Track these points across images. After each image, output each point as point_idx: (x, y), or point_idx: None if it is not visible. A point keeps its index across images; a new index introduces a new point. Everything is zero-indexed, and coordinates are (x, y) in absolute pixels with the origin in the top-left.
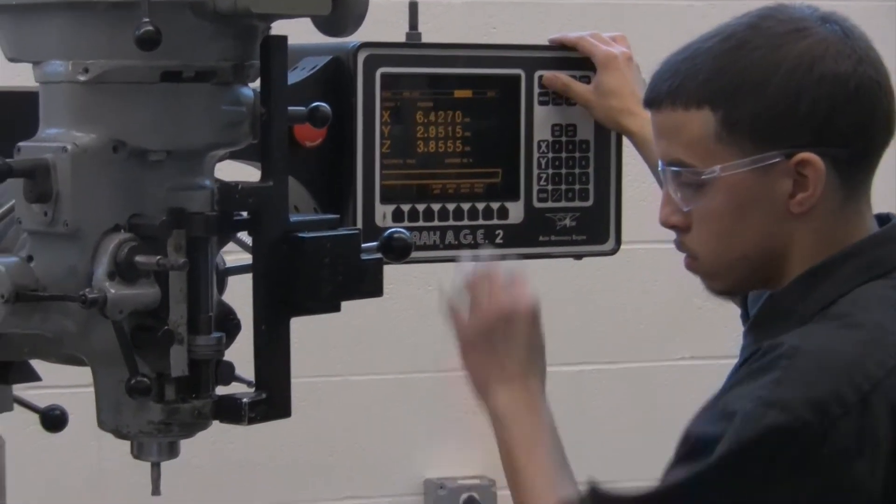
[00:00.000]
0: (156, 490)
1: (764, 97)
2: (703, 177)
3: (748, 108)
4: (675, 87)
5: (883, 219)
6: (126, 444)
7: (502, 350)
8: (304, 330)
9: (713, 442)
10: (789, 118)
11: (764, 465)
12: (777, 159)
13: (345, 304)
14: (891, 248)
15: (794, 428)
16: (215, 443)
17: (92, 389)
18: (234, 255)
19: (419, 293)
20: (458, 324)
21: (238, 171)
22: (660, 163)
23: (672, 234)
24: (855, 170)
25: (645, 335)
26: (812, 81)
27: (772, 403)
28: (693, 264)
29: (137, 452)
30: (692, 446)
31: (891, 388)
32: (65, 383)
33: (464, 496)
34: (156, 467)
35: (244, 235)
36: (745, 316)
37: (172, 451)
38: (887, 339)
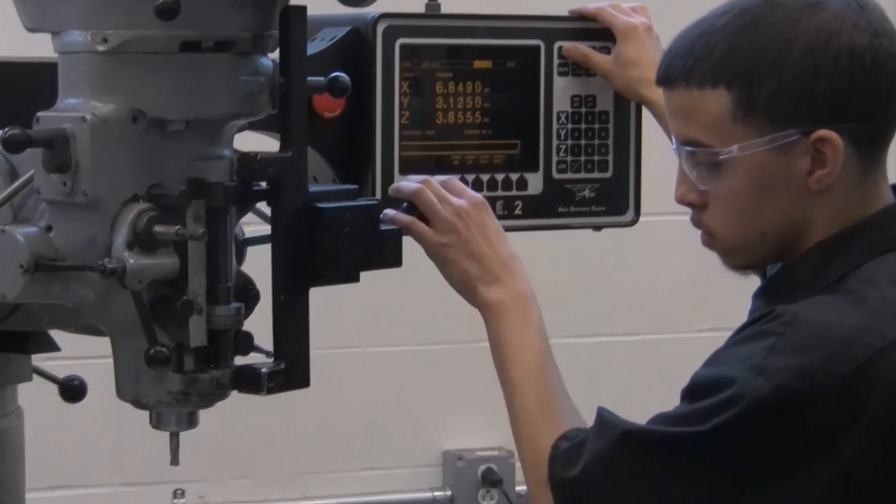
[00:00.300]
0: (174, 460)
1: (781, 76)
2: (720, 157)
3: (765, 88)
4: (690, 66)
5: None
6: (145, 414)
7: (478, 249)
8: (322, 301)
9: (711, 391)
10: (807, 96)
11: (747, 434)
12: (795, 137)
13: (364, 276)
14: None
15: (777, 396)
16: (234, 413)
17: (111, 360)
18: (254, 226)
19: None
20: (423, 234)
21: (257, 143)
22: (674, 141)
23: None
24: (873, 144)
25: (663, 307)
26: (829, 58)
27: (761, 370)
28: (710, 241)
29: (156, 422)
30: (695, 391)
31: (891, 360)
32: (84, 354)
33: (482, 468)
34: (175, 437)
35: (263, 206)
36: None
37: (191, 421)
38: (893, 312)
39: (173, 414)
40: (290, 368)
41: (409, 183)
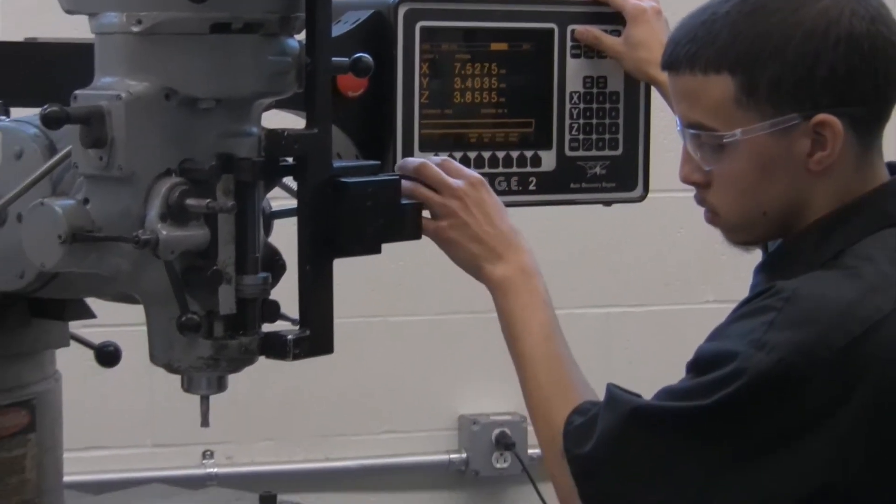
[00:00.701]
0: (205, 422)
1: (782, 62)
2: (724, 140)
3: (767, 74)
4: (694, 52)
5: (892, 167)
6: (176, 379)
7: (480, 228)
8: (345, 272)
9: (714, 365)
10: (808, 82)
11: (748, 406)
12: (796, 121)
13: (384, 247)
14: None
15: (777, 370)
16: (261, 378)
17: (143, 327)
18: (281, 200)
19: None
20: (424, 223)
21: (283, 121)
22: (678, 122)
23: None
24: (871, 126)
25: (670, 279)
26: (829, 44)
27: (761, 345)
28: (714, 219)
29: (188, 386)
30: (700, 365)
31: (886, 334)
32: (118, 321)
33: (496, 431)
34: (205, 400)
35: (290, 180)
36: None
37: (221, 385)
38: (889, 287)
39: (204, 378)
40: (315, 335)
41: (408, 166)
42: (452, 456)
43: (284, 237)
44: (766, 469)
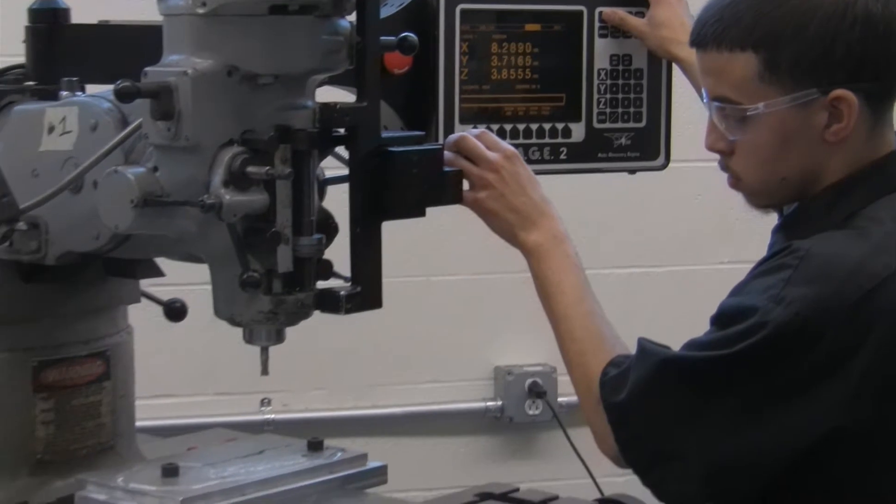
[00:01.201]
0: (264, 371)
1: (803, 41)
2: (747, 113)
3: (789, 52)
4: (721, 30)
5: None
6: (237, 332)
7: (514, 199)
8: (391, 235)
9: (736, 319)
10: (826, 60)
11: (769, 356)
12: (815, 96)
13: (427, 211)
14: None
15: (794, 323)
16: (315, 330)
17: (207, 286)
18: (333, 169)
19: None
20: (469, 193)
21: (335, 96)
22: (704, 96)
23: (715, 155)
24: (883, 100)
25: (688, 242)
26: (846, 26)
27: (779, 300)
28: (736, 184)
29: (249, 338)
30: (723, 319)
31: (894, 289)
32: (185, 280)
33: (528, 381)
34: (264, 351)
35: (342, 150)
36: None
37: (279, 338)
38: (895, 245)
39: (263, 331)
40: (365, 292)
41: (449, 140)
42: (489, 403)
43: (337, 202)
44: (785, 412)
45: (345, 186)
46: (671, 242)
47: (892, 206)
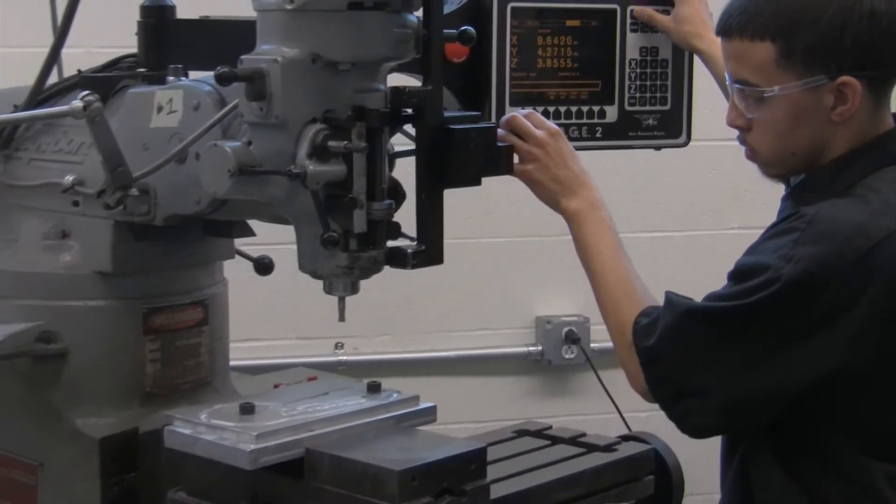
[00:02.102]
0: (341, 317)
1: (815, 33)
2: (764, 94)
3: (803, 42)
4: (744, 22)
5: None
6: (318, 284)
7: (557, 170)
8: (449, 202)
9: (752, 274)
10: (835, 50)
11: (780, 306)
12: (824, 81)
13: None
14: None
15: (802, 278)
16: (384, 283)
17: (291, 245)
18: (402, 144)
19: None
20: (518, 166)
21: (401, 81)
22: (727, 78)
23: (729, 133)
24: (884, 86)
25: (704, 210)
26: (854, 20)
27: (789, 258)
28: (753, 156)
29: (328, 289)
30: (739, 275)
31: (889, 248)
32: (272, 240)
33: (565, 329)
34: (341, 301)
35: (409, 128)
36: (787, 191)
37: (354, 289)
38: (891, 211)
39: (341, 283)
40: (429, 250)
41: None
42: (530, 348)
43: (405, 172)
44: (794, 354)
45: (412, 159)
46: (689, 210)
47: (889, 177)
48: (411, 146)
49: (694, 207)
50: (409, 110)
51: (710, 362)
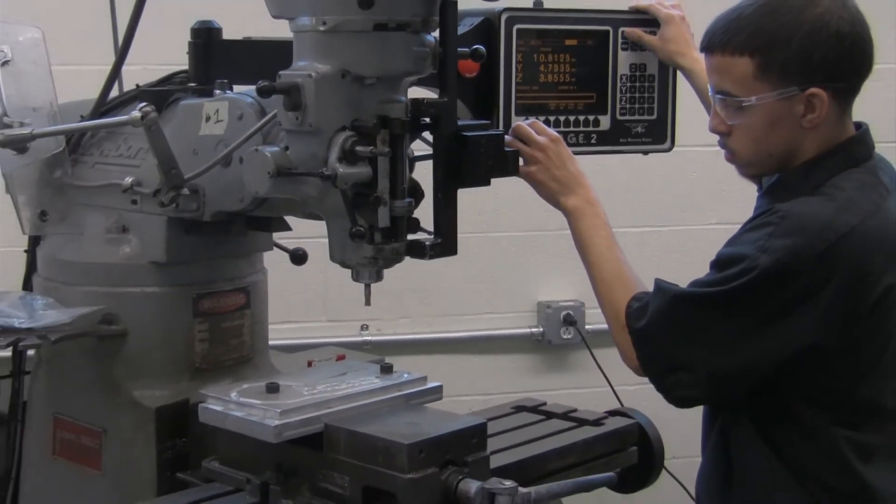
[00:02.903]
0: (367, 302)
1: (789, 51)
2: (743, 104)
3: (778, 58)
4: (726, 39)
5: (857, 125)
6: (346, 272)
7: (557, 171)
8: (462, 201)
9: (732, 263)
10: (806, 65)
11: (756, 292)
12: (796, 93)
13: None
14: (861, 147)
15: (776, 267)
16: (404, 272)
17: (322, 239)
18: (421, 150)
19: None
20: (523, 168)
21: (419, 94)
22: (710, 89)
23: (709, 139)
24: (847, 96)
25: (687, 207)
26: (822, 40)
27: (765, 249)
28: (732, 158)
29: (356, 277)
30: (721, 264)
31: (853, 241)
32: (306, 234)
33: (563, 313)
34: (367, 287)
35: (427, 135)
36: (760, 190)
37: (379, 276)
38: (854, 207)
39: (367, 271)
40: (445, 242)
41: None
42: (532, 329)
43: (423, 174)
44: (770, 333)
45: (429, 162)
46: (673, 207)
47: (853, 177)
48: (429, 151)
49: (677, 204)
50: (428, 119)
51: (695, 341)
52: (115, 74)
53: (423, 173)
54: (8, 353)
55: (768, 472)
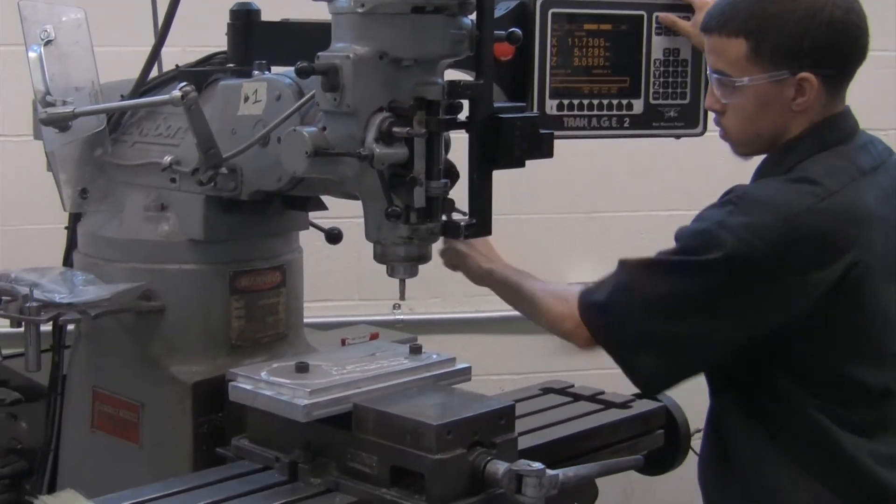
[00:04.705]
0: (402, 297)
1: (781, 35)
2: (736, 84)
3: (770, 42)
4: (723, 22)
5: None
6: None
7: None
8: (496, 183)
9: (694, 238)
10: (797, 50)
11: (717, 267)
12: (786, 76)
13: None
14: (834, 131)
15: (733, 242)
16: (437, 253)
17: (356, 219)
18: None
19: (571, 161)
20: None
21: (455, 76)
22: (707, 69)
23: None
24: (837, 82)
25: (716, 190)
26: (814, 26)
27: (724, 226)
28: (725, 136)
29: (391, 272)
30: (684, 238)
31: (810, 219)
32: (341, 214)
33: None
34: (402, 282)
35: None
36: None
37: (413, 271)
38: (816, 188)
39: (401, 266)
40: (479, 222)
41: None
42: None
43: (459, 155)
44: (725, 306)
45: (465, 143)
46: (704, 191)
47: (821, 160)
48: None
49: (707, 189)
50: (464, 101)
51: (659, 314)
52: (155, 55)
53: (459, 154)
54: (48, 327)
55: (757, 451)
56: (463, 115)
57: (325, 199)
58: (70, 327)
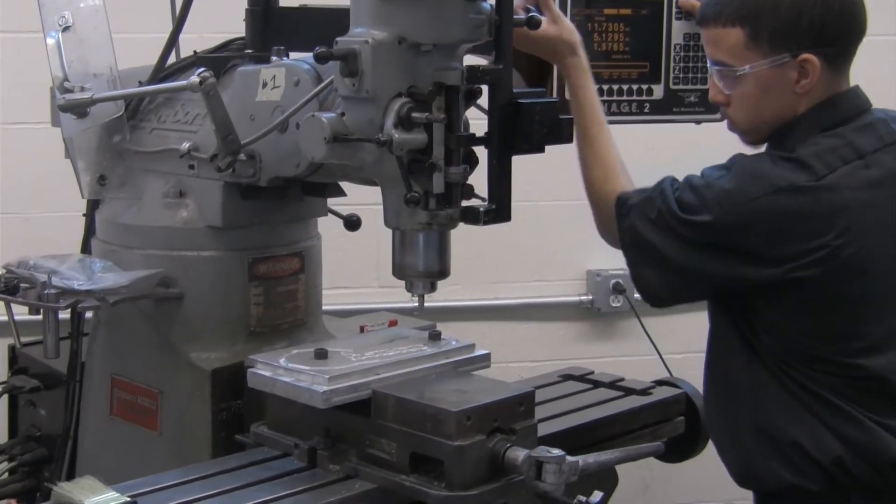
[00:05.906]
0: (420, 311)
1: (777, 18)
2: (737, 73)
3: (767, 26)
4: (718, 11)
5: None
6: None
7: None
8: (515, 169)
9: (695, 192)
10: (795, 32)
11: (698, 226)
12: (787, 59)
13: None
14: (831, 112)
15: (721, 203)
16: (455, 240)
17: (376, 206)
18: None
19: None
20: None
21: (474, 61)
22: (708, 61)
23: None
24: (839, 61)
25: None
26: (809, 5)
27: (710, 187)
28: (732, 126)
29: (409, 288)
30: (688, 186)
31: (789, 199)
32: (360, 201)
33: (612, 281)
34: (421, 298)
35: (483, 101)
36: None
37: (433, 287)
38: (803, 171)
39: (420, 282)
40: (499, 209)
41: None
42: (582, 297)
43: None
44: (714, 256)
45: (485, 128)
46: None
47: (813, 142)
48: (485, 118)
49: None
50: (483, 86)
51: (663, 238)
52: (173, 42)
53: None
54: (67, 314)
55: (756, 382)
56: (482, 101)
57: (344, 185)
58: (88, 314)
